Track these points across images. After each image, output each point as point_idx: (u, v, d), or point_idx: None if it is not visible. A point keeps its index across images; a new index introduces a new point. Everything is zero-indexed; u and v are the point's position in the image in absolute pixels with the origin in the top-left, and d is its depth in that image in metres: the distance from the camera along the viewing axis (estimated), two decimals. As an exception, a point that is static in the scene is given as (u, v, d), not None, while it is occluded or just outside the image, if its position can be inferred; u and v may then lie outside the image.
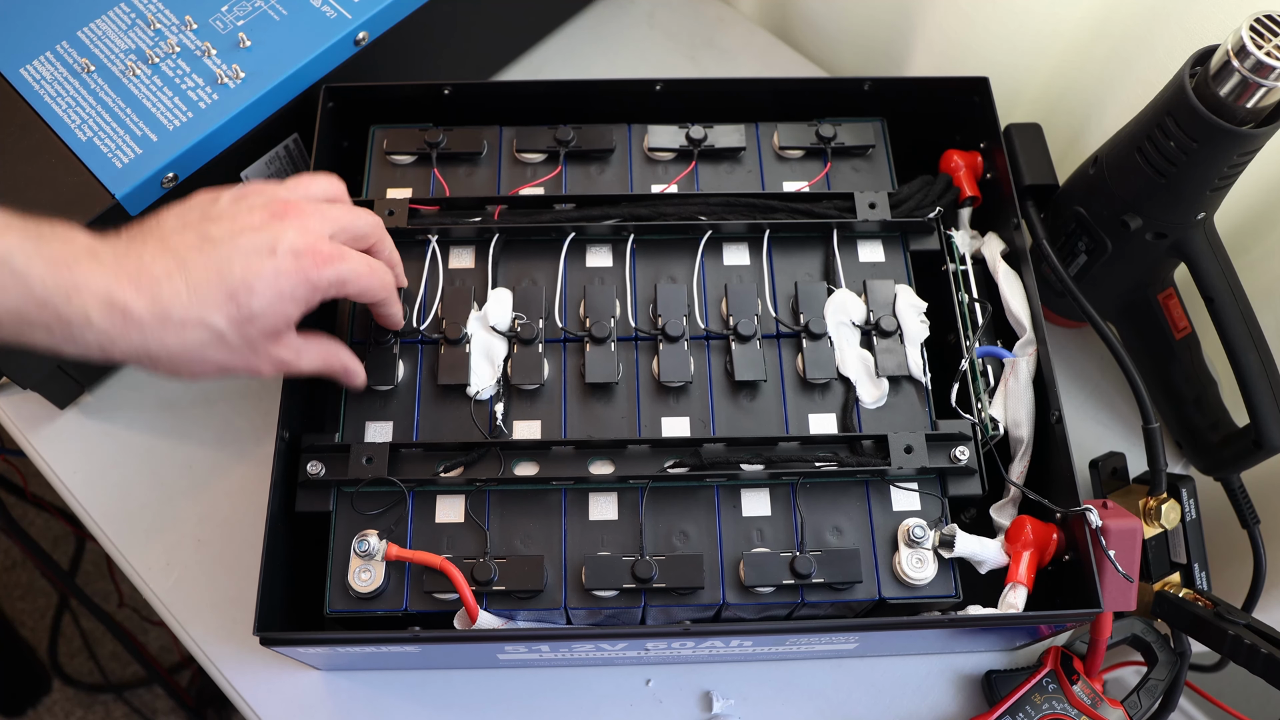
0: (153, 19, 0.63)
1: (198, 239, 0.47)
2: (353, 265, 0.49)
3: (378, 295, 0.52)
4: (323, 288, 0.48)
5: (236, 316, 0.46)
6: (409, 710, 0.60)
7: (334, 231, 0.50)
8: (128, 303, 0.44)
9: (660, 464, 0.54)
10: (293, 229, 0.48)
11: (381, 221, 0.53)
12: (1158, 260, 0.61)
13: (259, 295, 0.46)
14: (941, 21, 0.73)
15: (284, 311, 0.48)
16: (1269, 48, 0.48)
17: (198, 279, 0.45)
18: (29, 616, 1.33)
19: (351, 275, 0.49)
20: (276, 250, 0.47)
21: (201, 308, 0.46)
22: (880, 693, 0.61)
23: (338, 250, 0.49)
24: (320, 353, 0.52)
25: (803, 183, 0.63)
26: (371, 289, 0.51)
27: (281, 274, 0.47)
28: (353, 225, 0.51)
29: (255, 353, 0.48)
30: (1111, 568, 0.52)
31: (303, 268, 0.47)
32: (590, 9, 0.84)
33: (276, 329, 0.48)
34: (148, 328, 0.45)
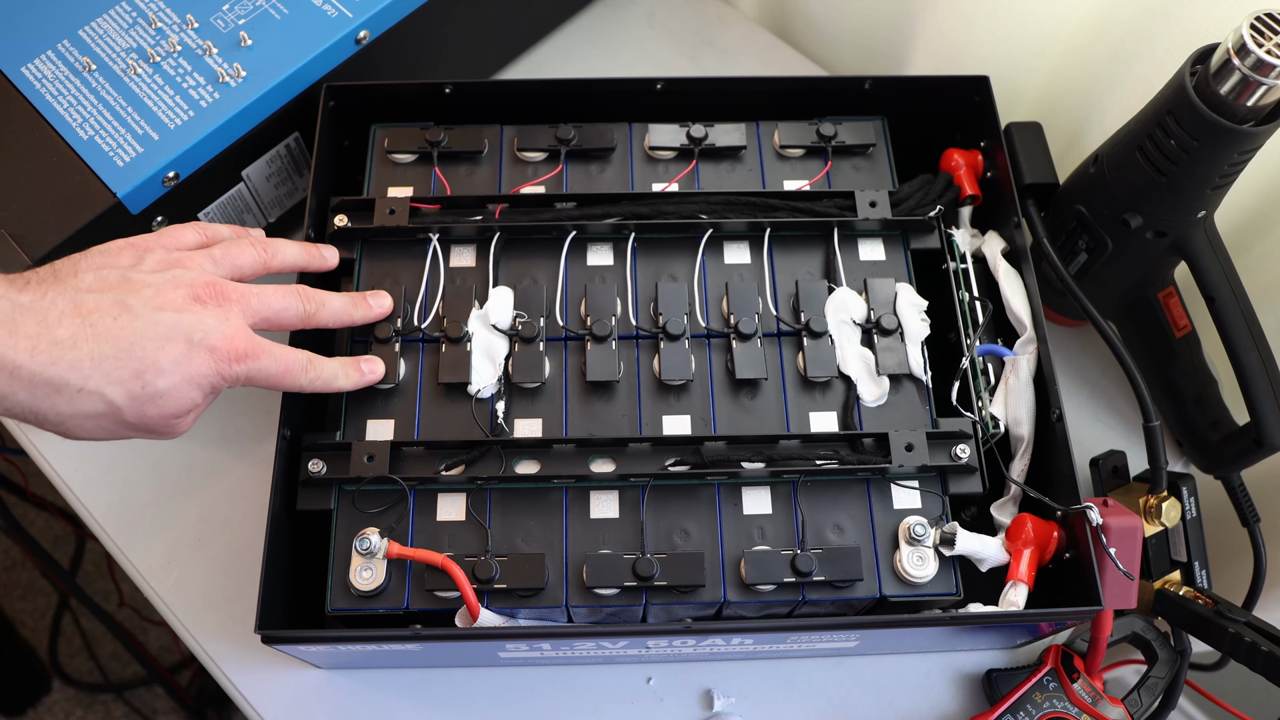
0: (154, 18, 0.63)
1: (114, 306, 0.45)
2: (264, 365, 0.49)
3: (285, 387, 0.52)
4: (229, 380, 0.49)
5: (139, 395, 0.45)
6: (410, 708, 0.60)
7: (254, 320, 0.50)
8: (19, 364, 0.43)
9: (661, 462, 0.54)
10: (213, 318, 0.47)
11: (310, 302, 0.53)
12: (1158, 259, 0.61)
13: (166, 377, 0.46)
14: (941, 21, 0.73)
15: (189, 397, 0.47)
16: (1269, 46, 0.48)
17: (104, 351, 0.44)
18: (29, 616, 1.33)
19: (260, 374, 0.49)
20: (193, 339, 0.46)
21: (101, 381, 0.44)
22: (881, 691, 0.61)
23: (253, 347, 0.49)
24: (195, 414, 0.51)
25: (803, 181, 0.63)
26: (280, 383, 0.51)
27: (193, 363, 0.46)
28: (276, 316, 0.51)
29: (148, 428, 0.47)
30: (1112, 566, 0.52)
31: (216, 362, 0.47)
32: (590, 9, 0.84)
33: (177, 411, 0.47)
34: (38, 390, 0.43)
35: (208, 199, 0.64)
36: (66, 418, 0.45)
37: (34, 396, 0.44)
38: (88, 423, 0.46)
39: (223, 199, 0.64)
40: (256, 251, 0.53)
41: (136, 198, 0.59)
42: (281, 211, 0.70)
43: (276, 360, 0.50)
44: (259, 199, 0.67)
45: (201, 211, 0.64)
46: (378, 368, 0.56)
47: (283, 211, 0.70)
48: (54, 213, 0.57)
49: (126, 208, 0.58)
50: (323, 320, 0.54)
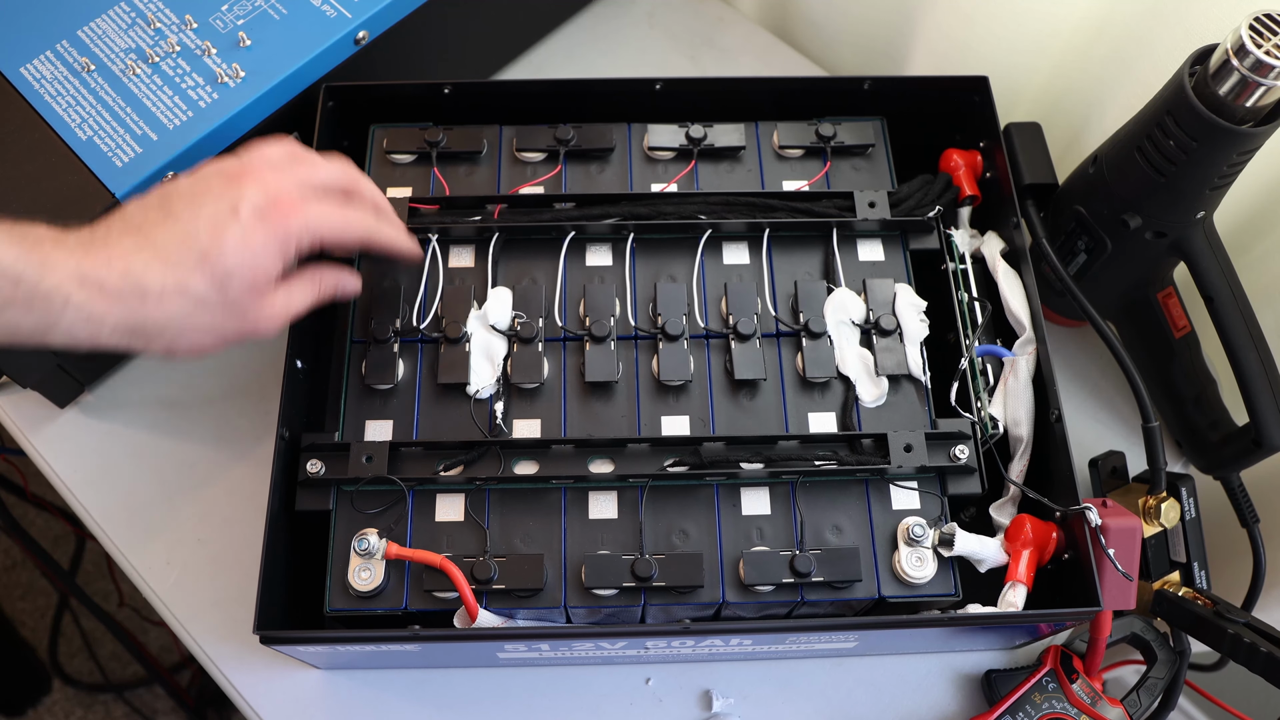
0: (153, 18, 0.63)
1: (159, 215, 0.47)
2: (321, 210, 0.49)
3: (355, 233, 0.51)
4: (295, 237, 0.48)
5: (213, 277, 0.46)
6: (409, 709, 0.60)
7: (297, 185, 0.49)
8: (101, 278, 0.44)
9: (660, 463, 0.54)
10: (253, 186, 0.48)
11: (351, 165, 0.53)
12: (1157, 259, 0.61)
13: (230, 254, 0.46)
14: (941, 21, 0.73)
15: (261, 267, 0.48)
16: (1268, 46, 0.48)
17: (166, 248, 0.46)
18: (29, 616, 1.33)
19: (321, 220, 0.49)
20: (239, 210, 0.47)
21: (176, 275, 0.46)
22: (880, 692, 0.61)
23: (303, 199, 0.49)
24: (308, 289, 0.52)
25: (802, 182, 0.63)
26: (349, 228, 0.51)
27: (249, 231, 0.47)
28: (315, 176, 0.51)
29: (244, 313, 0.48)
30: (1111, 566, 0.52)
31: (269, 223, 0.47)
32: (590, 9, 0.84)
33: (257, 285, 0.48)
34: (128, 302, 0.45)
35: (207, 199, 0.64)
36: (165, 326, 0.46)
37: (128, 309, 0.45)
38: (186, 325, 0.47)
39: (222, 199, 0.64)
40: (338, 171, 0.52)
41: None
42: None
43: (333, 208, 0.50)
44: (258, 199, 0.67)
45: (201, 212, 0.64)
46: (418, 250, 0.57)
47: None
48: (52, 213, 0.57)
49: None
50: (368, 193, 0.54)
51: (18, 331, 0.44)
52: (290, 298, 0.51)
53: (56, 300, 0.43)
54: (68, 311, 0.44)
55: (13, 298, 0.43)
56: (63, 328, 0.44)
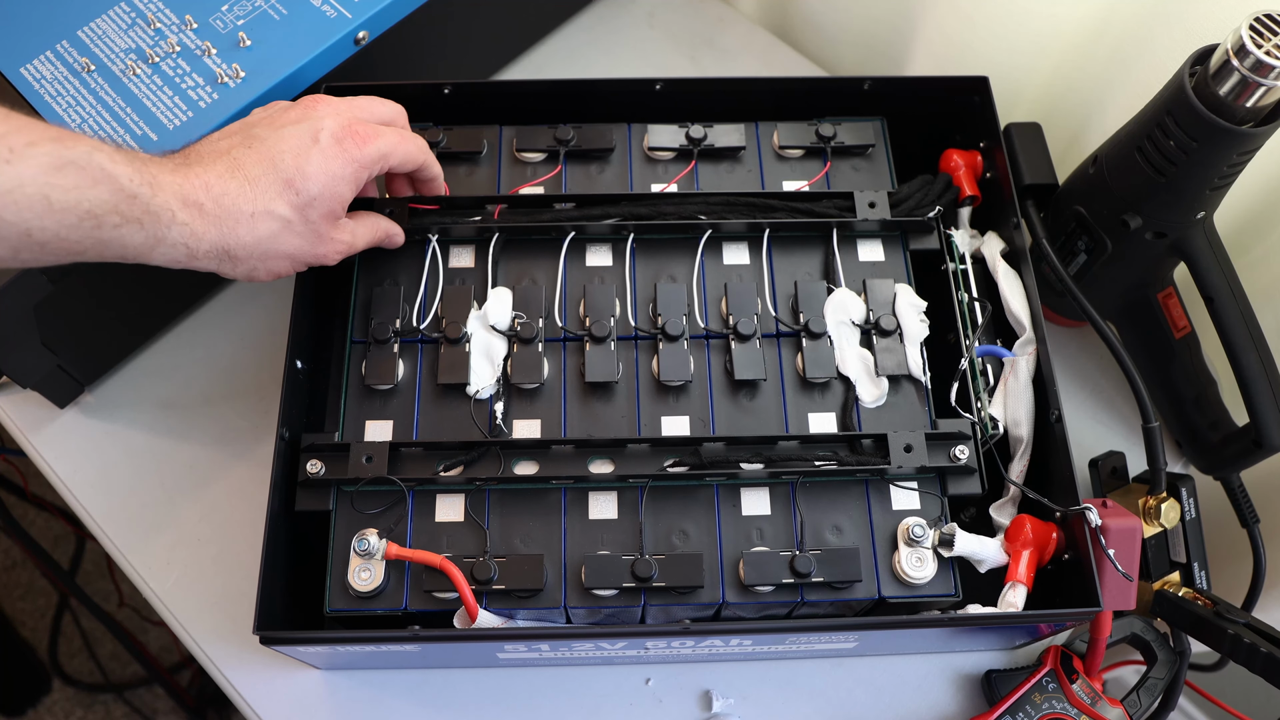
0: (153, 18, 0.63)
1: (244, 140, 0.50)
2: (390, 138, 0.53)
3: (419, 159, 0.56)
4: (368, 163, 0.52)
5: (297, 202, 0.50)
6: (409, 709, 0.60)
7: (364, 116, 0.54)
8: (200, 199, 0.47)
9: (660, 463, 0.54)
10: (328, 116, 0.52)
11: (400, 108, 0.57)
12: (1157, 260, 0.61)
13: (313, 180, 0.50)
14: (941, 21, 0.73)
15: (338, 193, 0.51)
16: (1268, 47, 0.48)
17: (254, 174, 0.49)
18: (29, 616, 1.33)
19: (391, 147, 0.53)
20: (319, 138, 0.50)
21: (264, 199, 0.49)
22: (880, 692, 0.61)
23: (373, 128, 0.53)
24: (369, 228, 0.56)
25: (802, 182, 0.63)
26: (412, 154, 0.55)
27: (329, 158, 0.50)
28: (378, 112, 0.55)
29: (319, 237, 0.52)
30: (1111, 567, 0.52)
31: (346, 149, 0.51)
32: (590, 9, 0.84)
33: (334, 211, 0.52)
34: (223, 223, 0.48)
35: (207, 199, 0.64)
36: (252, 247, 0.49)
37: (222, 232, 0.48)
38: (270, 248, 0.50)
39: (222, 199, 0.64)
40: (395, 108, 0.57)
41: (135, 198, 0.59)
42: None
43: (396, 133, 0.54)
44: (258, 199, 0.67)
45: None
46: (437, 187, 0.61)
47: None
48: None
49: (125, 208, 0.58)
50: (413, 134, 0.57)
51: (126, 247, 0.46)
52: (356, 232, 0.55)
53: (165, 218, 0.46)
54: (173, 230, 0.46)
55: (129, 214, 0.45)
56: (165, 247, 0.47)
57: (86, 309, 0.62)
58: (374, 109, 0.55)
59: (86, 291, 0.61)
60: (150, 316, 0.69)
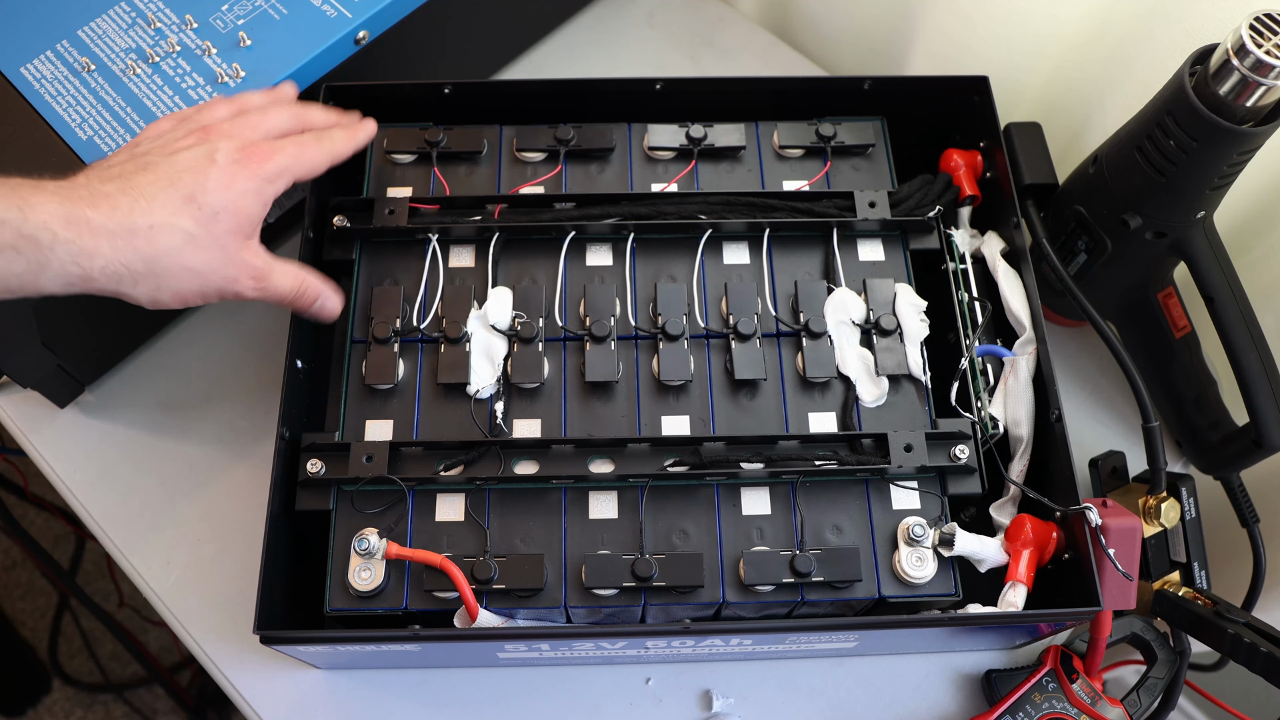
0: (153, 18, 0.63)
1: (136, 165, 0.48)
2: (289, 150, 0.52)
3: (322, 165, 0.54)
4: (272, 177, 0.50)
5: (200, 216, 0.47)
6: (409, 709, 0.60)
7: (261, 135, 0.52)
8: (87, 215, 0.44)
9: (660, 462, 0.54)
10: (222, 139, 0.50)
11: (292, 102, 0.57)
12: (1157, 259, 0.61)
13: (214, 194, 0.48)
14: (941, 21, 0.73)
15: (245, 209, 0.49)
16: (1268, 46, 0.48)
17: (149, 191, 0.46)
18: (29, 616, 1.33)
19: (292, 160, 0.52)
20: (216, 158, 0.49)
21: (163, 213, 0.46)
22: (880, 692, 0.61)
23: (270, 145, 0.51)
24: (293, 272, 0.53)
25: (802, 182, 0.63)
26: (316, 163, 0.54)
27: (230, 175, 0.49)
28: (275, 126, 0.54)
29: (227, 255, 0.49)
30: (1111, 566, 0.52)
31: (247, 167, 0.49)
32: (590, 9, 0.84)
33: (241, 227, 0.49)
34: (117, 237, 0.45)
35: (207, 199, 0.64)
36: (154, 261, 0.46)
37: (116, 247, 0.45)
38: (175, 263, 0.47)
39: (222, 199, 0.64)
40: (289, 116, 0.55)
41: (135, 198, 0.58)
42: (281, 212, 0.70)
43: (293, 144, 0.52)
44: (258, 199, 0.67)
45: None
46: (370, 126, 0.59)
47: (282, 212, 0.70)
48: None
49: (125, 208, 0.58)
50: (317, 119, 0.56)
51: (9, 277, 0.44)
52: (272, 263, 0.52)
53: (44, 239, 0.43)
54: (56, 250, 0.44)
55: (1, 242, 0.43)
56: (53, 269, 0.44)
57: (86, 309, 0.62)
58: (269, 124, 0.53)
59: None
60: (150, 316, 0.69)
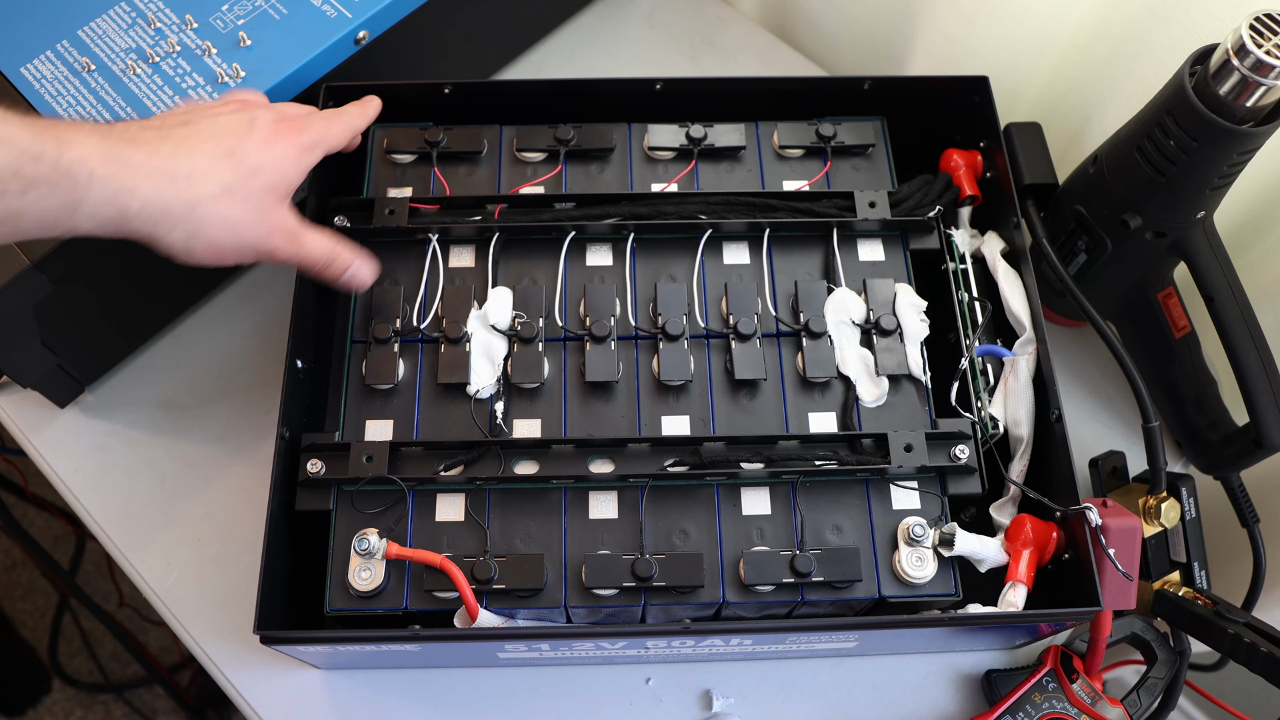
0: (153, 18, 0.63)
1: (177, 119, 0.49)
2: (319, 124, 0.54)
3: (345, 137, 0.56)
4: (309, 145, 0.52)
5: (239, 171, 0.48)
6: (409, 709, 0.60)
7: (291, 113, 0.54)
8: (127, 154, 0.44)
9: (660, 462, 0.54)
10: (261, 109, 0.52)
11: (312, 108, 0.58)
12: (1157, 259, 0.61)
13: (254, 152, 0.49)
14: (941, 21, 0.73)
15: (282, 169, 0.50)
16: (1268, 46, 0.48)
17: (191, 144, 0.47)
18: (29, 616, 1.33)
19: (323, 133, 0.54)
20: (256, 124, 0.50)
21: (203, 163, 0.47)
22: (880, 691, 0.61)
23: (304, 117, 0.53)
24: (327, 238, 0.54)
25: (803, 182, 0.63)
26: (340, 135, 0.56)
27: (269, 138, 0.50)
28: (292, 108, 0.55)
29: (263, 213, 0.49)
30: (1111, 566, 0.52)
31: (285, 135, 0.51)
32: (590, 9, 0.84)
33: (278, 188, 0.50)
34: (157, 178, 0.45)
35: (207, 199, 0.64)
36: (192, 208, 0.46)
37: (156, 187, 0.45)
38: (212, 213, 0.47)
39: (222, 199, 0.64)
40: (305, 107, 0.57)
41: (136, 198, 0.59)
42: (281, 212, 0.70)
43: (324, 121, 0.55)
44: (258, 199, 0.67)
45: (201, 212, 0.64)
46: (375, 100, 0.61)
47: (282, 212, 0.70)
48: (53, 213, 0.57)
49: (126, 208, 0.58)
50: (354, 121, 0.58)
51: (44, 215, 0.43)
52: (307, 231, 0.52)
53: (81, 175, 0.42)
54: (93, 187, 0.43)
55: (35, 177, 0.41)
56: (89, 207, 0.43)
57: (86, 309, 0.62)
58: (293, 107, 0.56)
59: (86, 291, 0.61)
60: (150, 316, 0.69)
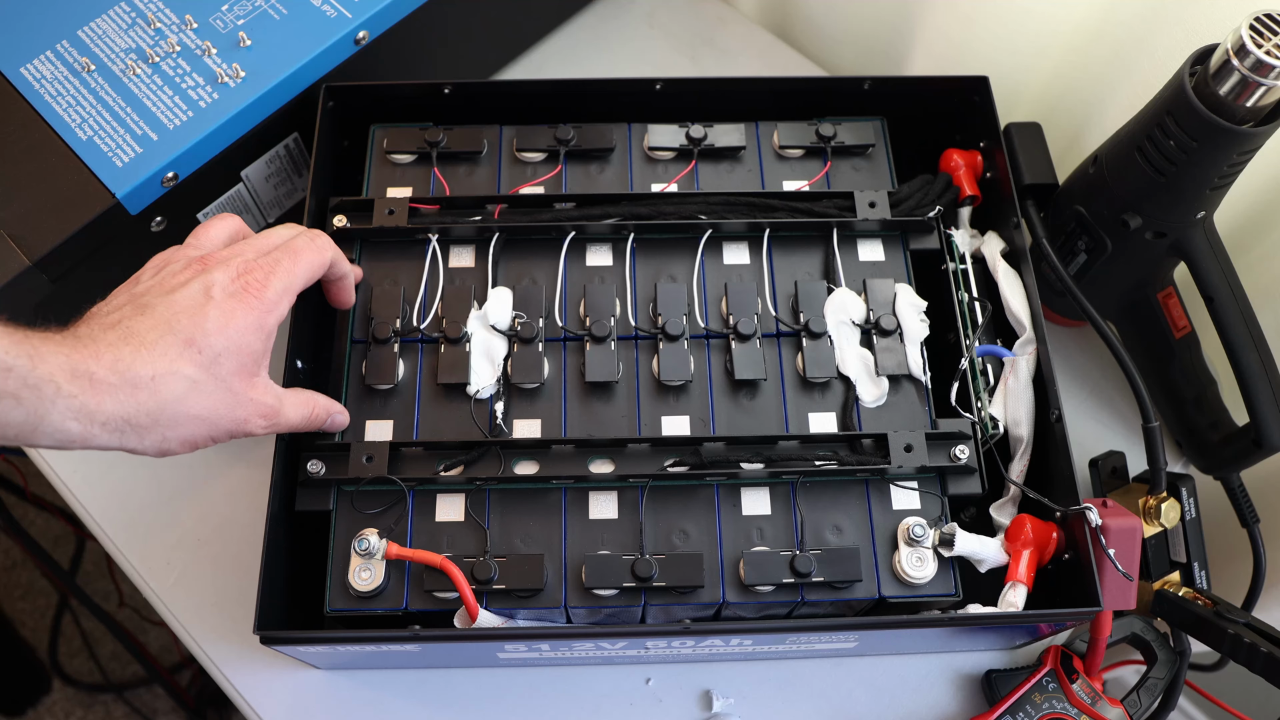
0: (153, 18, 0.63)
1: (133, 308, 0.46)
2: (285, 265, 0.49)
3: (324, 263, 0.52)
4: (272, 305, 0.48)
5: (202, 360, 0.45)
6: (409, 709, 0.60)
7: (255, 254, 0.50)
8: (91, 369, 0.43)
9: (660, 463, 0.54)
10: (217, 269, 0.48)
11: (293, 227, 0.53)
12: (1157, 259, 0.61)
13: (215, 335, 0.46)
14: (941, 21, 0.73)
15: (248, 345, 0.47)
16: (1268, 46, 0.48)
17: (149, 338, 0.45)
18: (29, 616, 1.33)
19: (289, 275, 0.49)
20: (212, 293, 0.47)
21: (165, 360, 0.45)
22: (880, 692, 0.61)
23: (266, 263, 0.49)
24: (303, 401, 0.52)
25: (803, 182, 0.63)
26: (314, 266, 0.51)
27: (228, 312, 0.46)
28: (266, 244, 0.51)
29: (235, 397, 0.47)
30: (1111, 566, 0.52)
31: (243, 300, 0.47)
32: (590, 9, 0.84)
33: (245, 366, 0.47)
34: (120, 391, 0.44)
35: (207, 199, 0.64)
36: (159, 414, 0.45)
37: (119, 401, 0.44)
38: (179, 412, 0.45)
39: (222, 199, 0.64)
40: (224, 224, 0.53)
41: (135, 198, 0.59)
42: (281, 212, 0.70)
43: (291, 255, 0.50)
44: (258, 199, 0.67)
45: (201, 212, 0.64)
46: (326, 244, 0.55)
47: (282, 212, 0.70)
48: (53, 213, 0.57)
49: (125, 208, 0.58)
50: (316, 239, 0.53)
51: (6, 425, 0.42)
52: (283, 397, 0.50)
53: (48, 390, 0.42)
54: (59, 403, 0.42)
55: (4, 389, 0.41)
56: (53, 422, 0.43)
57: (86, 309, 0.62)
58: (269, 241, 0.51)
59: (86, 291, 0.61)
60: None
